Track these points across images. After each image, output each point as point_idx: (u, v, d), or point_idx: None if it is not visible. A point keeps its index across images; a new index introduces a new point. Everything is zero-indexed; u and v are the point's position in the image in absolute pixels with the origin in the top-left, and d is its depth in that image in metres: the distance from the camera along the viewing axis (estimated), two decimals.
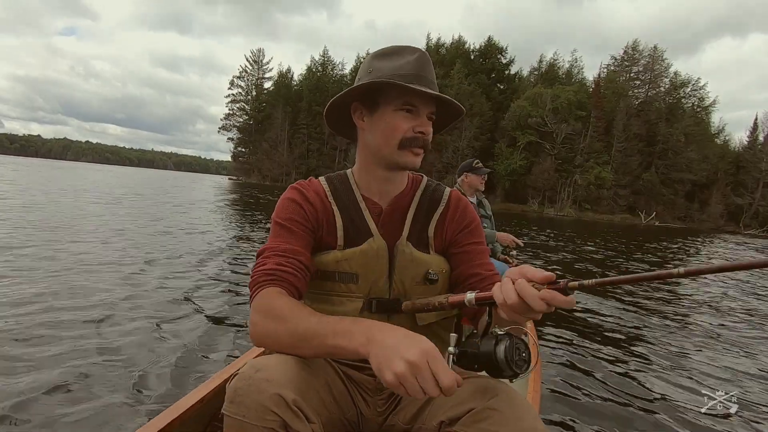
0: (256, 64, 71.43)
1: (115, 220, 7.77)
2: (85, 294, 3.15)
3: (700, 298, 5.28)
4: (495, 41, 59.01)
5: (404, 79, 0.87)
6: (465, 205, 1.00)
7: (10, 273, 3.49)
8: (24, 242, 4.79)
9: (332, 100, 0.93)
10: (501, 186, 49.58)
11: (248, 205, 16.07)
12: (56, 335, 2.37)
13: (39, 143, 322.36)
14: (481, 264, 0.94)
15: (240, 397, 0.69)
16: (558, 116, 47.13)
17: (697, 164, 47.26)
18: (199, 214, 10.58)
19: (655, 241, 17.16)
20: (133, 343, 2.37)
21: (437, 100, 0.90)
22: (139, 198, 14.13)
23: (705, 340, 3.47)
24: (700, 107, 52.03)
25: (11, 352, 2.12)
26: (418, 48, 0.92)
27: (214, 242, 6.26)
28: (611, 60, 56.74)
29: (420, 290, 0.92)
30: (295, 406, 0.70)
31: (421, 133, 0.89)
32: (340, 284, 0.91)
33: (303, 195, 0.93)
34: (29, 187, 13.54)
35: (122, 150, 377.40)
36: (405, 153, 0.89)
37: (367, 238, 0.92)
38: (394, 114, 0.89)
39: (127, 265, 4.23)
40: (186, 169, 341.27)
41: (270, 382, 0.70)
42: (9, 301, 2.82)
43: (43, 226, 6.05)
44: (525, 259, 8.07)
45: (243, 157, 69.90)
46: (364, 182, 0.96)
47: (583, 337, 3.31)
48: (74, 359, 2.10)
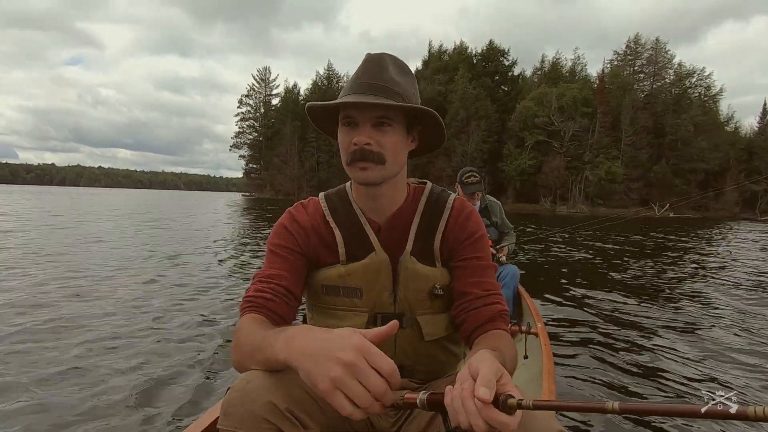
0: (263, 82, 73.14)
1: (170, 245, 8.44)
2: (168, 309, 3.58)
3: (702, 298, 5.17)
4: (497, 44, 59.73)
5: (345, 91, 0.84)
6: (468, 214, 0.93)
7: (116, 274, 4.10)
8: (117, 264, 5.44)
9: (312, 120, 0.93)
10: (512, 186, 49.91)
11: (273, 219, 16.70)
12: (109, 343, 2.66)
13: (54, 171, 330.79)
14: (478, 282, 0.88)
15: (232, 408, 0.68)
16: (564, 114, 47.43)
17: (708, 153, 47.12)
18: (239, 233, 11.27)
19: (671, 232, 16.97)
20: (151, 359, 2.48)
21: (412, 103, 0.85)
22: (183, 219, 14.87)
23: (705, 340, 3.44)
24: (707, 96, 51.98)
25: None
26: (375, 53, 0.88)
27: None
28: (614, 55, 57.12)
29: (426, 305, 0.90)
30: (288, 413, 0.69)
31: (366, 144, 0.81)
32: (344, 299, 0.91)
33: (293, 218, 0.93)
34: (83, 214, 14.38)
35: (134, 173, 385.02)
36: (352, 169, 0.84)
37: (369, 253, 0.90)
38: (341, 130, 0.86)
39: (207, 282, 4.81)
40: (196, 188, 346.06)
41: (262, 390, 0.69)
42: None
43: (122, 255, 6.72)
44: (541, 261, 8.39)
45: (255, 173, 71.28)
46: (359, 198, 0.93)
47: (591, 335, 3.29)
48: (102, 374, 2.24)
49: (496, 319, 0.86)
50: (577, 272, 6.54)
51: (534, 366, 1.81)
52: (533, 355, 1.92)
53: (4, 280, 4.26)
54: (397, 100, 0.82)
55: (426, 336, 0.90)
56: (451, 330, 0.92)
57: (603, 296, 4.75)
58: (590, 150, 47.75)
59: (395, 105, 0.81)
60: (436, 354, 0.93)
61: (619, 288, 5.28)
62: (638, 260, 8.17)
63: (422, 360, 0.92)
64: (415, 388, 0.92)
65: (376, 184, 0.86)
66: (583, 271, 6.77)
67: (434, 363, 0.94)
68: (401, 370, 0.85)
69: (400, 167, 0.88)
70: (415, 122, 0.88)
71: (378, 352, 0.56)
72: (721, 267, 7.77)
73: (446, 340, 0.93)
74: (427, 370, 0.93)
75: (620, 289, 5.22)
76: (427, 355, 0.92)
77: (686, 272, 6.94)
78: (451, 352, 0.94)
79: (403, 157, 0.88)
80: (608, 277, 6.13)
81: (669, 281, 6.03)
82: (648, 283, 5.75)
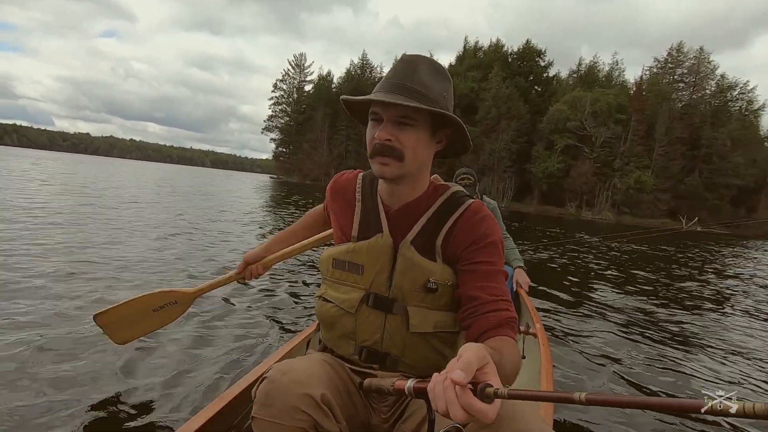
0: (298, 68, 74.46)
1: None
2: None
3: (705, 297, 5.20)
4: (533, 44, 59.23)
5: (377, 88, 0.88)
6: (481, 219, 0.92)
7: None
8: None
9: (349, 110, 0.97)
10: (538, 188, 49.98)
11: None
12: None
13: (88, 141, 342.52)
14: (485, 287, 0.87)
15: (271, 400, 0.72)
16: (597, 120, 47.05)
17: (744, 169, 46.09)
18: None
19: (692, 247, 16.31)
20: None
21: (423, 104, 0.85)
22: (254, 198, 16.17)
23: (705, 340, 3.44)
24: (748, 111, 50.57)
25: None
26: (411, 54, 0.91)
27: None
28: (654, 62, 55.95)
29: (419, 297, 0.91)
30: (325, 405, 0.73)
31: (386, 140, 0.85)
32: (348, 273, 0.96)
33: (335, 181, 1.09)
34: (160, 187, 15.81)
35: (164, 148, 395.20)
36: (374, 163, 0.89)
37: (377, 234, 0.95)
38: (369, 125, 0.90)
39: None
40: (222, 166, 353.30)
41: (299, 383, 0.73)
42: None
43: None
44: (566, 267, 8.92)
45: (284, 157, 73.05)
46: (381, 186, 0.99)
47: (590, 338, 3.30)
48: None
49: (503, 326, 0.84)
50: (582, 275, 6.56)
51: (532, 366, 1.81)
52: (531, 355, 1.92)
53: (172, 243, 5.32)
54: (424, 102, 0.84)
55: (411, 327, 0.92)
56: (442, 329, 0.93)
57: (606, 300, 4.78)
58: (621, 158, 47.34)
59: (413, 106, 0.83)
60: (423, 350, 0.94)
61: (622, 293, 5.28)
62: (647, 269, 8.10)
63: (408, 353, 0.94)
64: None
65: (393, 180, 0.91)
66: (587, 274, 6.75)
67: (421, 359, 0.95)
68: (388, 358, 0.95)
69: (419, 165, 0.91)
70: (442, 125, 0.91)
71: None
72: (737, 284, 7.69)
73: (436, 339, 0.94)
74: (413, 364, 0.95)
75: (624, 294, 5.22)
76: (414, 348, 0.94)
77: (695, 285, 6.87)
78: (439, 352, 0.95)
79: (423, 155, 0.90)
80: (613, 283, 6.11)
81: (675, 290, 6.05)
82: (654, 291, 5.75)
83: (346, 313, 0.96)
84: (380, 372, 0.96)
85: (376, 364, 0.96)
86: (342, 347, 0.99)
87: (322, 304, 1.01)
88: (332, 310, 0.98)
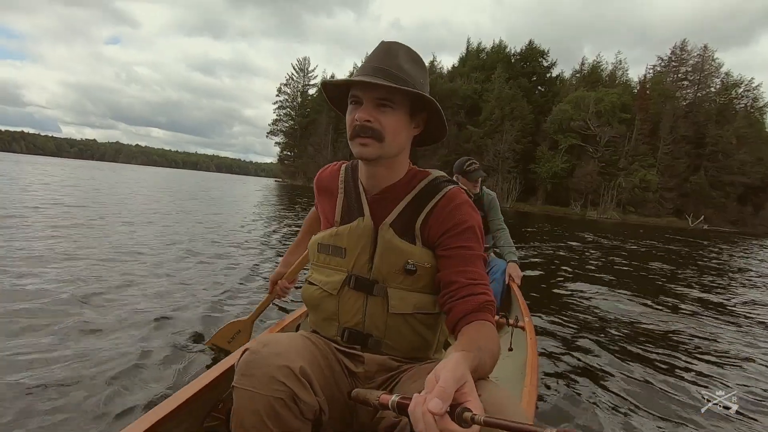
0: (301, 72, 74.96)
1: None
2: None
3: (704, 297, 5.17)
4: (536, 45, 59.29)
5: (356, 73, 0.90)
6: (458, 205, 0.94)
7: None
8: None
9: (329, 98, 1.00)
10: (543, 188, 49.94)
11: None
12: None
13: (94, 147, 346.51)
14: (464, 271, 0.89)
15: (251, 370, 0.75)
16: (601, 119, 46.97)
17: (750, 167, 45.84)
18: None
19: (696, 244, 16.21)
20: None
21: (409, 88, 0.87)
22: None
23: (706, 340, 3.43)
24: (753, 108, 50.31)
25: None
26: (388, 41, 0.94)
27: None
28: (657, 60, 55.83)
29: (398, 279, 0.94)
30: (303, 378, 0.75)
31: (366, 121, 0.87)
32: (332, 257, 0.99)
33: (318, 176, 1.11)
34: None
35: (168, 153, 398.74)
36: (354, 144, 0.90)
37: (358, 217, 0.98)
38: (348, 109, 0.92)
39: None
40: (227, 171, 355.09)
41: (279, 355, 0.75)
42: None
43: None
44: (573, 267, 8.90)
45: (288, 161, 73.51)
46: (362, 171, 1.01)
47: (581, 332, 3.27)
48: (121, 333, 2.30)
49: (481, 309, 0.86)
50: (576, 272, 6.49)
51: (518, 358, 1.84)
52: (518, 347, 1.94)
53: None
54: (401, 85, 0.86)
55: (391, 308, 0.94)
56: (421, 311, 0.95)
57: (598, 297, 4.73)
58: (626, 157, 47.24)
59: (394, 87, 0.85)
60: (404, 332, 0.97)
61: (614, 291, 5.22)
62: (645, 266, 8.07)
63: (390, 334, 0.97)
64: (395, 366, 0.99)
65: (373, 160, 0.92)
66: (582, 271, 6.69)
67: (402, 341, 0.98)
68: (370, 340, 0.97)
69: (399, 148, 0.93)
70: (419, 109, 0.93)
71: None
72: (737, 278, 7.78)
73: (416, 321, 0.96)
74: (395, 346, 0.98)
75: (616, 292, 5.16)
76: (396, 330, 0.96)
77: (692, 281, 6.86)
78: (420, 335, 0.98)
79: (402, 138, 0.93)
80: (607, 280, 6.02)
81: (669, 287, 6.00)
82: (647, 289, 5.70)
83: (329, 295, 1.00)
84: (366, 354, 0.99)
85: (358, 345, 1.00)
86: (326, 329, 1.03)
87: (307, 287, 1.06)
88: (316, 293, 1.02)
